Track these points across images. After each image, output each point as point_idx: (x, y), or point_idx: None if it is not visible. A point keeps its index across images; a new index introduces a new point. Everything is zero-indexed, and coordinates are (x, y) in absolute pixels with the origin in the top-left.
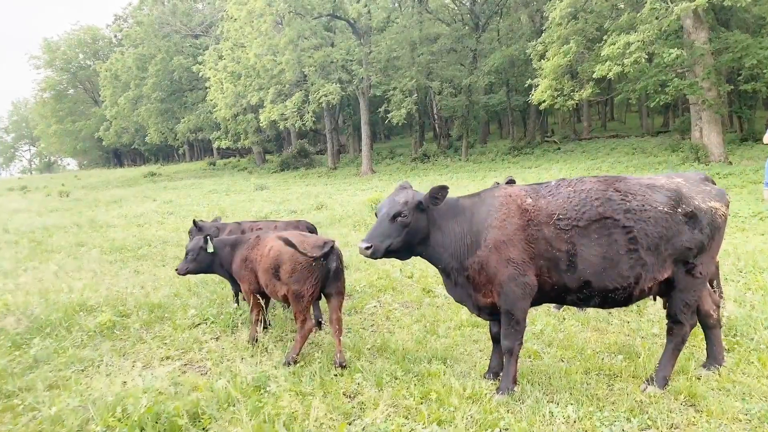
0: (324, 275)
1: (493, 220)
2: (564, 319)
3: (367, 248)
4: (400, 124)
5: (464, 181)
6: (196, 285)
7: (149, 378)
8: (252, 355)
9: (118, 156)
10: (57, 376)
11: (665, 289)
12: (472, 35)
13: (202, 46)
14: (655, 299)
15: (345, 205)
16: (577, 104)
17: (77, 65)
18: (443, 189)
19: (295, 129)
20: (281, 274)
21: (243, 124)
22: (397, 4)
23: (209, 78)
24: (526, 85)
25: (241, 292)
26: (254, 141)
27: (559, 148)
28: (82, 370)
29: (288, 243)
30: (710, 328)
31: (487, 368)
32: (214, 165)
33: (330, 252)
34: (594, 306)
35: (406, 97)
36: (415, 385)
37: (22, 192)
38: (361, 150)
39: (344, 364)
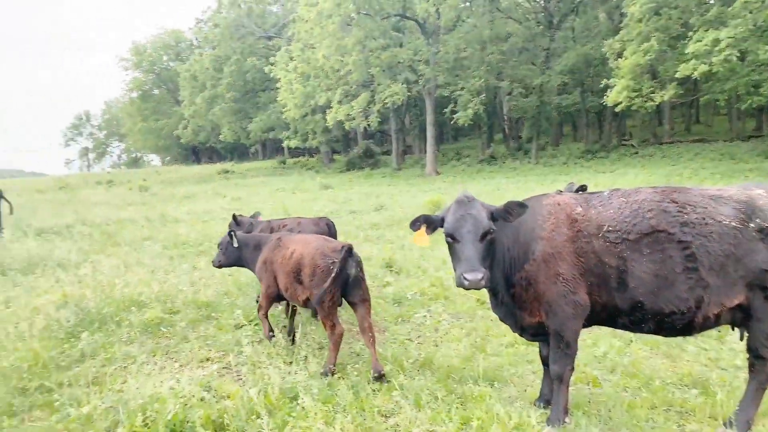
0: (343, 281)
1: (540, 230)
2: (631, 341)
3: (482, 278)
4: (467, 125)
5: (532, 185)
6: (246, 284)
7: (184, 381)
8: (290, 362)
9: (196, 153)
10: (99, 372)
11: (742, 319)
12: (545, 34)
13: (275, 47)
14: (733, 329)
15: (405, 206)
16: (658, 106)
17: (161, 66)
18: (522, 207)
19: (361, 129)
20: (303, 278)
21: (311, 125)
22: (468, 3)
23: (280, 79)
24: (602, 86)
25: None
26: (322, 141)
27: (636, 153)
28: (125, 368)
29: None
30: None
31: (538, 394)
32: (284, 164)
33: (348, 257)
34: (648, 332)
35: (474, 97)
36: (456, 408)
37: (107, 186)
38: (426, 151)
39: (382, 373)
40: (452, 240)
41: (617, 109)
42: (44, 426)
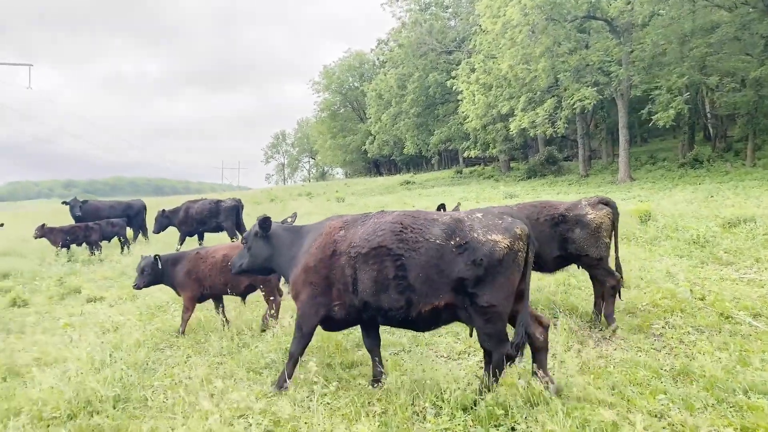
0: None
1: (311, 247)
2: None
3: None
4: (667, 126)
5: (753, 190)
6: None
7: (454, 368)
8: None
9: (377, 166)
10: (384, 356)
11: (466, 316)
12: (763, 18)
13: (455, 61)
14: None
15: None
16: None
17: (347, 87)
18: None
19: (545, 136)
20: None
21: (492, 134)
22: None
23: (462, 91)
24: None
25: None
26: (502, 149)
27: None
28: (396, 354)
29: None
30: (537, 350)
31: None
32: (461, 173)
33: None
34: (384, 324)
35: (675, 96)
36: (733, 416)
37: (308, 197)
38: (615, 155)
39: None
40: None
41: None
42: (350, 397)
